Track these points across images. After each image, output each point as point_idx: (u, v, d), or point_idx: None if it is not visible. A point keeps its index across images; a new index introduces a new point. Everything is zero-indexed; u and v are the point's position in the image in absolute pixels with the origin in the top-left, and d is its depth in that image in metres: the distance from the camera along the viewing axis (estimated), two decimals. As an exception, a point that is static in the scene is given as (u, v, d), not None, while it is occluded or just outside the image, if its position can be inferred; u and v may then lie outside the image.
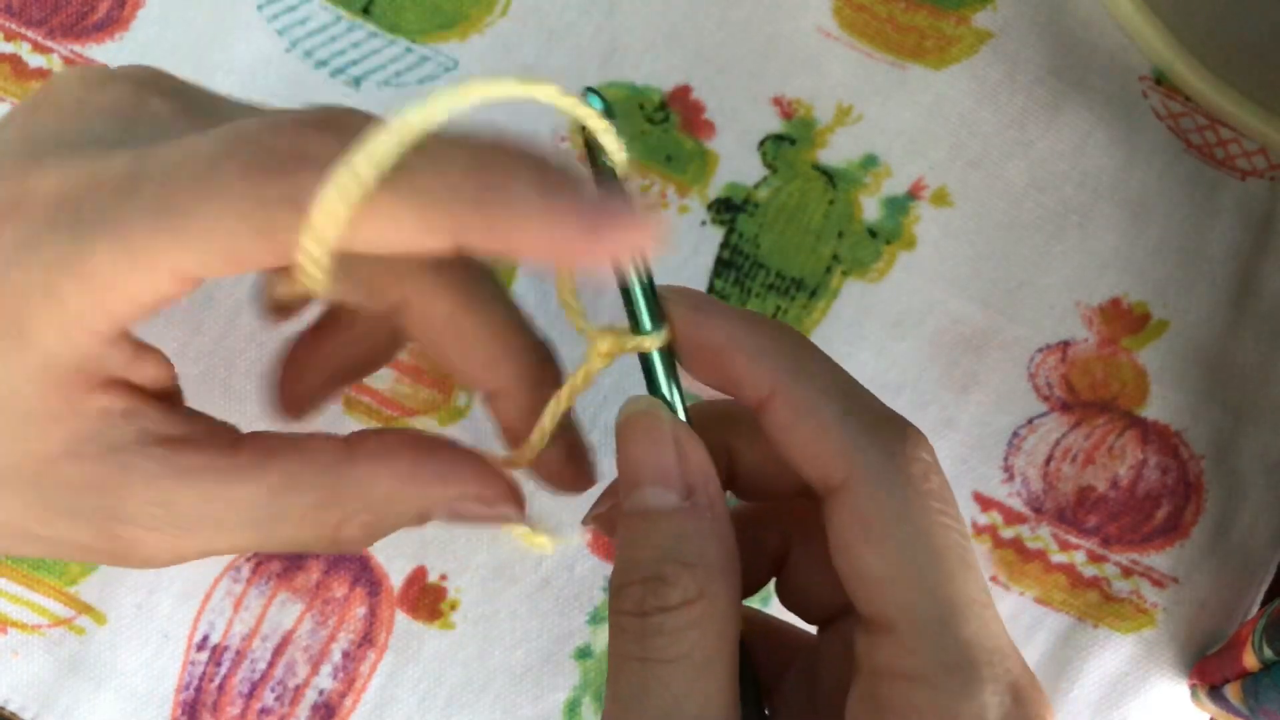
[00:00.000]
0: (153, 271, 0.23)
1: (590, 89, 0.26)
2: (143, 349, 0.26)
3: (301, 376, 0.32)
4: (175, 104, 0.26)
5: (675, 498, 0.25)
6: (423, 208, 0.22)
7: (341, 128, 0.23)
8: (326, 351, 0.31)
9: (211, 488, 0.26)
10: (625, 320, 0.27)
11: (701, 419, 0.27)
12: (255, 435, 0.27)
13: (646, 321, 0.26)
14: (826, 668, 0.27)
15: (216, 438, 0.26)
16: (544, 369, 0.29)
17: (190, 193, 0.22)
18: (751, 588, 0.28)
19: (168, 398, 0.27)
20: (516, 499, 0.29)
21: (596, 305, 0.42)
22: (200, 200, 0.22)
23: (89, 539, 0.26)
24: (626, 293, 0.26)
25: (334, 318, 0.32)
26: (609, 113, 0.26)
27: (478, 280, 0.29)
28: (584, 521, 0.29)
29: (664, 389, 0.27)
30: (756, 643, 0.29)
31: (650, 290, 0.26)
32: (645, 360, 0.27)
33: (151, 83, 0.27)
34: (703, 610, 0.24)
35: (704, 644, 0.24)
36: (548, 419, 0.28)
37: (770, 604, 0.32)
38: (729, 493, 0.28)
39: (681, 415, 0.27)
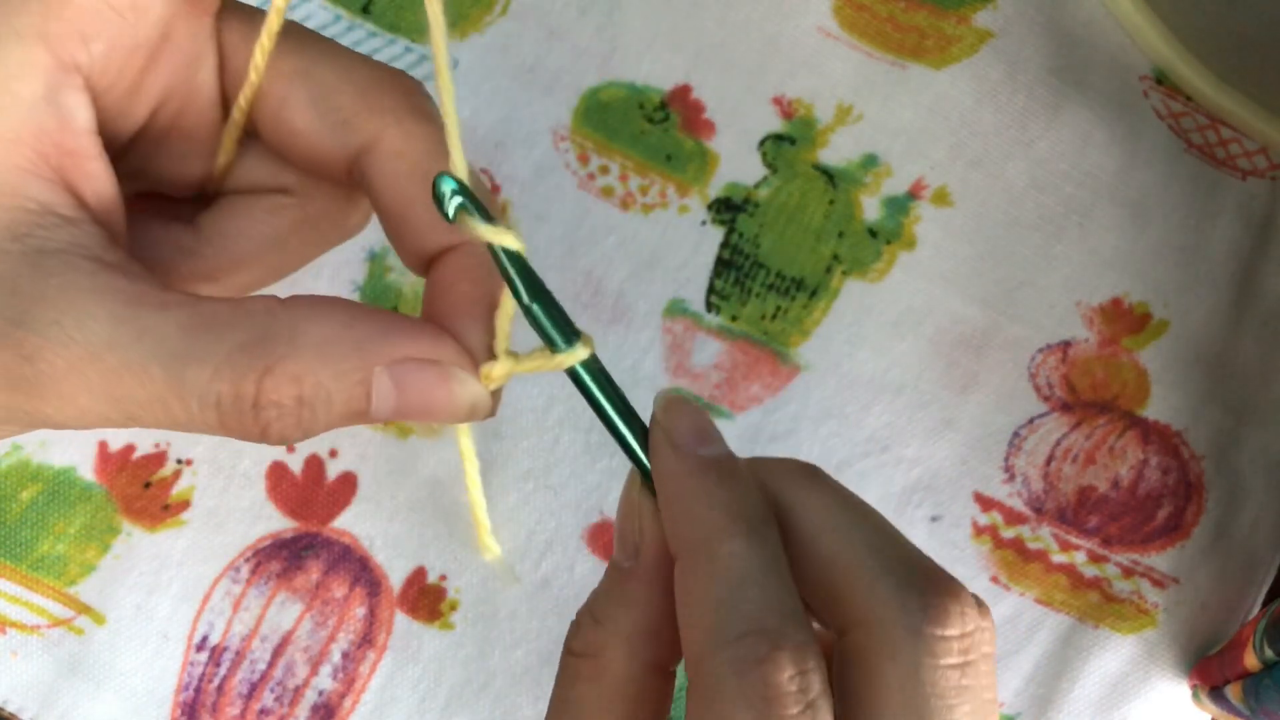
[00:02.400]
0: None
1: (443, 173, 0.25)
2: (98, 158, 0.25)
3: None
4: None
5: (621, 555, 0.26)
6: None
7: None
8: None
9: (125, 310, 0.24)
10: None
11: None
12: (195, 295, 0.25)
13: (558, 339, 0.26)
14: None
15: (152, 277, 0.25)
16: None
17: None
18: None
19: (113, 232, 0.25)
20: (473, 368, 0.26)
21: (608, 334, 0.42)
22: None
23: None
24: (533, 317, 0.26)
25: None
26: (462, 191, 0.25)
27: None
28: None
29: (604, 405, 0.26)
30: None
31: (549, 305, 0.26)
32: (579, 385, 0.26)
33: None
34: (594, 668, 0.25)
35: (594, 700, 0.24)
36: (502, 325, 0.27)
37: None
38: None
39: (625, 432, 0.26)
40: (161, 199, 0.30)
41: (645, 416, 0.27)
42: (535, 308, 0.25)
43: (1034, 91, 0.43)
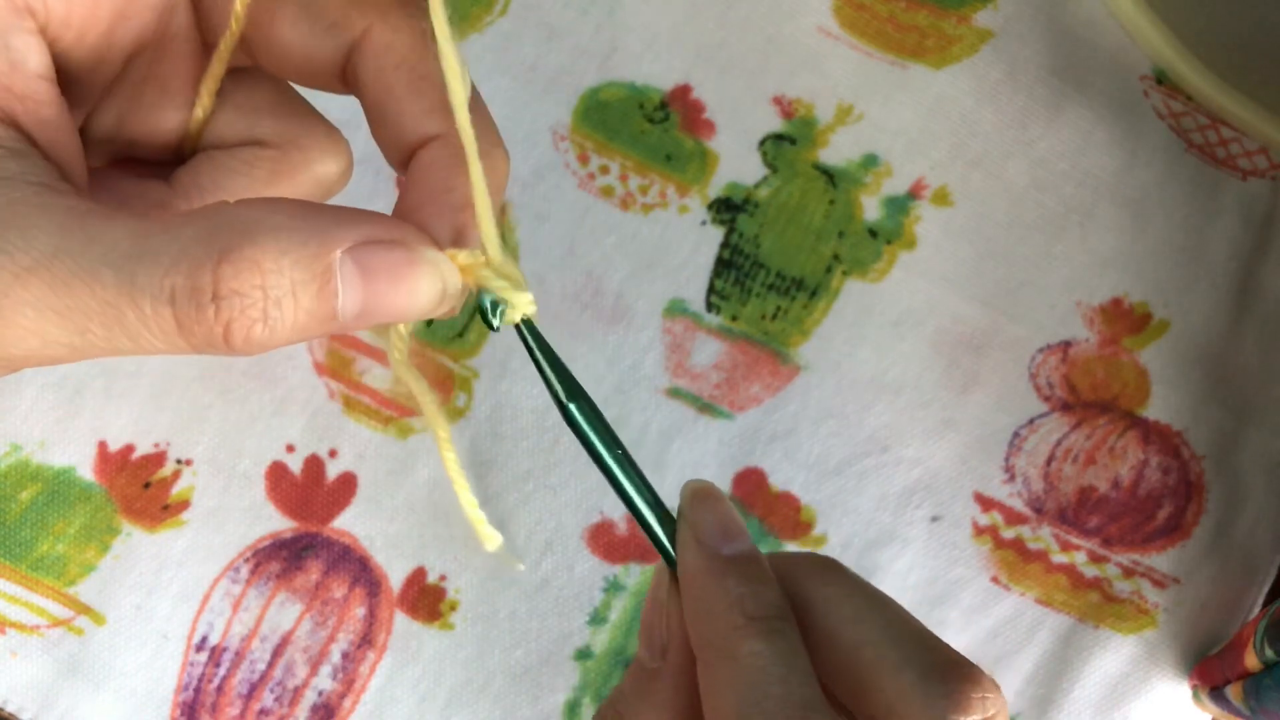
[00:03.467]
0: None
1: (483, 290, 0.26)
2: (52, 104, 0.24)
3: None
4: None
5: (648, 654, 0.26)
6: None
7: None
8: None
9: (74, 221, 0.23)
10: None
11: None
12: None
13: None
14: None
15: (98, 200, 0.24)
16: (483, 117, 0.27)
17: None
18: None
19: (64, 168, 0.25)
20: (433, 244, 0.26)
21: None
22: None
23: None
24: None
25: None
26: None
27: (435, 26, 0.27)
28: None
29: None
30: None
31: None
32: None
33: None
34: None
35: None
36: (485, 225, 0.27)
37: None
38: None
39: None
40: (137, 163, 0.30)
41: (645, 421, 0.27)
42: (573, 408, 0.27)
43: (1034, 91, 0.43)
